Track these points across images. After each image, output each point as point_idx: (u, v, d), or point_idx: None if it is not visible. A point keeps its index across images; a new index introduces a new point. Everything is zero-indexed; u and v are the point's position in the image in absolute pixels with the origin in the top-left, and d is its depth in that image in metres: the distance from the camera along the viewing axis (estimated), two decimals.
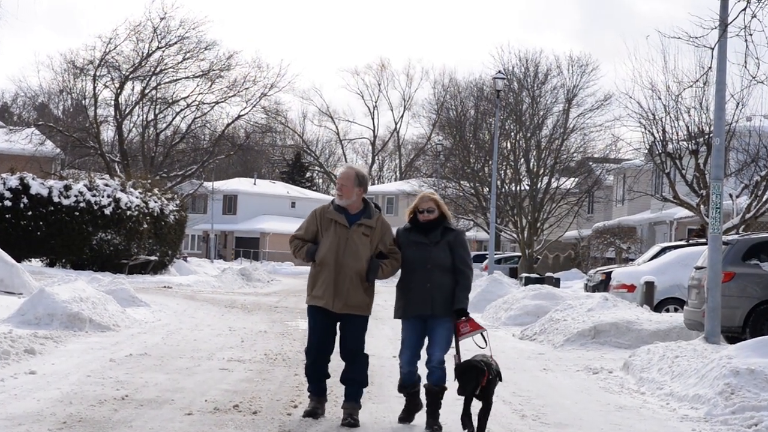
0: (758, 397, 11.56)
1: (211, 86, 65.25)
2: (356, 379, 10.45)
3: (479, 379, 9.87)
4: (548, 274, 43.93)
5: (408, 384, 10.45)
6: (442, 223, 10.45)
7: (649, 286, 25.10)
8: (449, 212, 10.70)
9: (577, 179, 57.24)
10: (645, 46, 63.19)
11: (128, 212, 42.85)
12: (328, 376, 10.55)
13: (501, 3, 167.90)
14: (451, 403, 10.55)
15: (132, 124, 67.03)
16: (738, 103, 31.33)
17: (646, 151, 36.42)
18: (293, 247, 10.58)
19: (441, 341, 10.27)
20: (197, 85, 65.14)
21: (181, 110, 66.04)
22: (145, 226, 43.89)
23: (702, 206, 31.55)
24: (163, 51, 63.15)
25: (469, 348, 10.40)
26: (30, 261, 41.64)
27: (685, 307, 19.97)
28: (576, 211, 56.51)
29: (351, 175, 10.40)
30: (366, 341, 10.52)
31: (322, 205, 10.68)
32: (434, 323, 10.29)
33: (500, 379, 10.29)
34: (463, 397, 10.00)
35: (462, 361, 10.05)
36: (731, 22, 15.32)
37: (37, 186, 41.75)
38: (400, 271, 10.54)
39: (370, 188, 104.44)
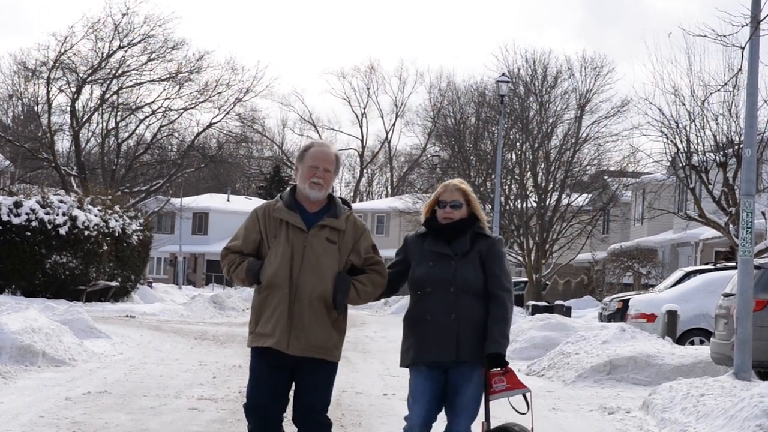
0: None
1: (179, 90, 65.34)
2: None
3: None
4: (558, 301, 43.96)
5: None
6: (473, 227, 8.11)
7: (672, 315, 25.12)
8: (483, 214, 8.28)
9: (590, 195, 57.30)
10: (667, 45, 63.37)
11: (86, 232, 42.77)
12: None
13: None
14: None
15: (90, 133, 67.06)
16: None
17: (669, 164, 36.56)
18: (227, 264, 8.12)
19: (468, 404, 7.96)
20: (164, 90, 65.26)
21: (146, 117, 66.11)
22: (105, 247, 43.81)
23: (731, 225, 31.66)
24: (126, 51, 63.29)
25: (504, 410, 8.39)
26: None
27: (711, 339, 19.99)
28: (589, 231, 56.55)
29: (332, 158, 8.07)
30: (352, 377, 9.92)
31: (265, 203, 8.24)
32: (459, 376, 7.97)
33: None
34: None
35: (490, 429, 8.05)
36: (764, 18, 15.39)
37: None
38: (408, 298, 8.23)
39: (358, 204, 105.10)
